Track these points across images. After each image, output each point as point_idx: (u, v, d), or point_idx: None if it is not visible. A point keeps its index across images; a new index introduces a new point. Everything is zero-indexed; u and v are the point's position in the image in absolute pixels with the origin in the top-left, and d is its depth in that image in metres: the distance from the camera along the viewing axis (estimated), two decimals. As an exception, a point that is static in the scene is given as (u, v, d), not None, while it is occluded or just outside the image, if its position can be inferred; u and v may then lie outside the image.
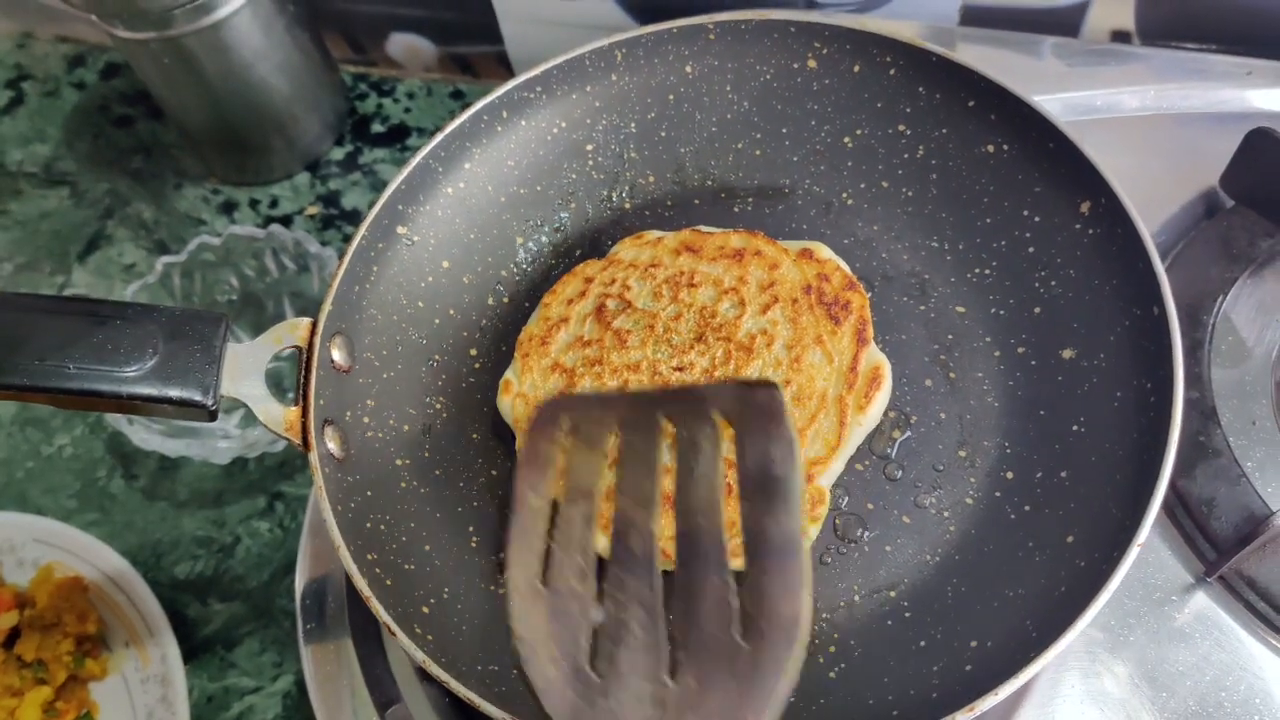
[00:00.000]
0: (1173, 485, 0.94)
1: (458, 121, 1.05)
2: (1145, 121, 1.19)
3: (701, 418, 0.70)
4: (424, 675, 0.97)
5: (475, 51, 1.52)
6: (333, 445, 0.91)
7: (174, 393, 0.85)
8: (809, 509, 0.89)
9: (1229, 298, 1.03)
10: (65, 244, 1.49)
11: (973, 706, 0.75)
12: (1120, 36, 1.29)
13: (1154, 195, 1.11)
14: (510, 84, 1.07)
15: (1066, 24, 1.29)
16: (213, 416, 0.87)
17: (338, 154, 1.50)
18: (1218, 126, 1.14)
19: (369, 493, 0.92)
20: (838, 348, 0.95)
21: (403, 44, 1.54)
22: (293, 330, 0.93)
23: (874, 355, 0.95)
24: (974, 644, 0.83)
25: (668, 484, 0.70)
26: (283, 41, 1.36)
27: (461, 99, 1.48)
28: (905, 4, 1.29)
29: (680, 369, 0.95)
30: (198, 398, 0.86)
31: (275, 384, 1.19)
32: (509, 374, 1.01)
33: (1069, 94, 1.20)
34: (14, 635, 1.11)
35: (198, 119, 1.42)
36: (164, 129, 1.58)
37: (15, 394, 0.84)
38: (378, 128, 1.53)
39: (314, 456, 0.88)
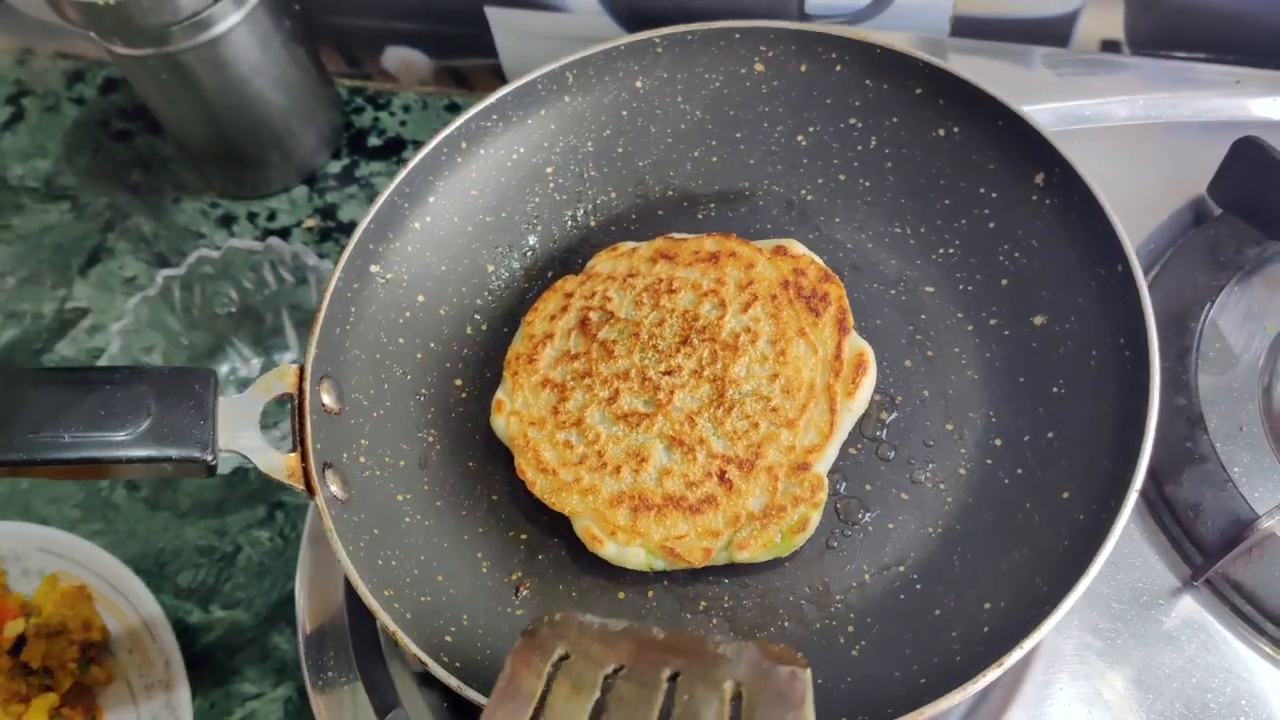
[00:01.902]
0: (1159, 490, 0.96)
1: (419, 157, 1.06)
2: (1134, 130, 1.20)
3: (710, 684, 0.61)
4: (424, 681, 0.98)
5: (470, 64, 1.53)
6: (334, 488, 0.91)
7: (173, 452, 0.85)
8: (809, 496, 0.91)
9: (1216, 305, 1.05)
10: (66, 257, 1.50)
11: (1001, 661, 0.77)
12: (1110, 46, 1.31)
13: (1143, 203, 1.13)
14: (466, 115, 1.08)
15: (1056, 34, 1.31)
16: (212, 472, 0.87)
17: (334, 167, 1.52)
18: (1206, 135, 1.15)
19: (375, 531, 0.92)
20: (820, 338, 0.97)
21: (398, 57, 1.55)
22: (281, 378, 0.93)
23: (856, 342, 0.98)
24: (987, 606, 0.86)
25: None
26: (279, 57, 1.37)
27: (457, 111, 1.49)
28: (897, 15, 1.31)
29: (669, 372, 0.97)
30: (197, 454, 0.86)
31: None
32: (500, 394, 1.01)
33: (1059, 104, 1.21)
34: (20, 643, 1.12)
35: (196, 133, 1.42)
36: (162, 143, 1.59)
37: (11, 469, 0.83)
38: (374, 141, 1.54)
39: (320, 500, 0.88)
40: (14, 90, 1.69)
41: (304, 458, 0.90)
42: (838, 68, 1.09)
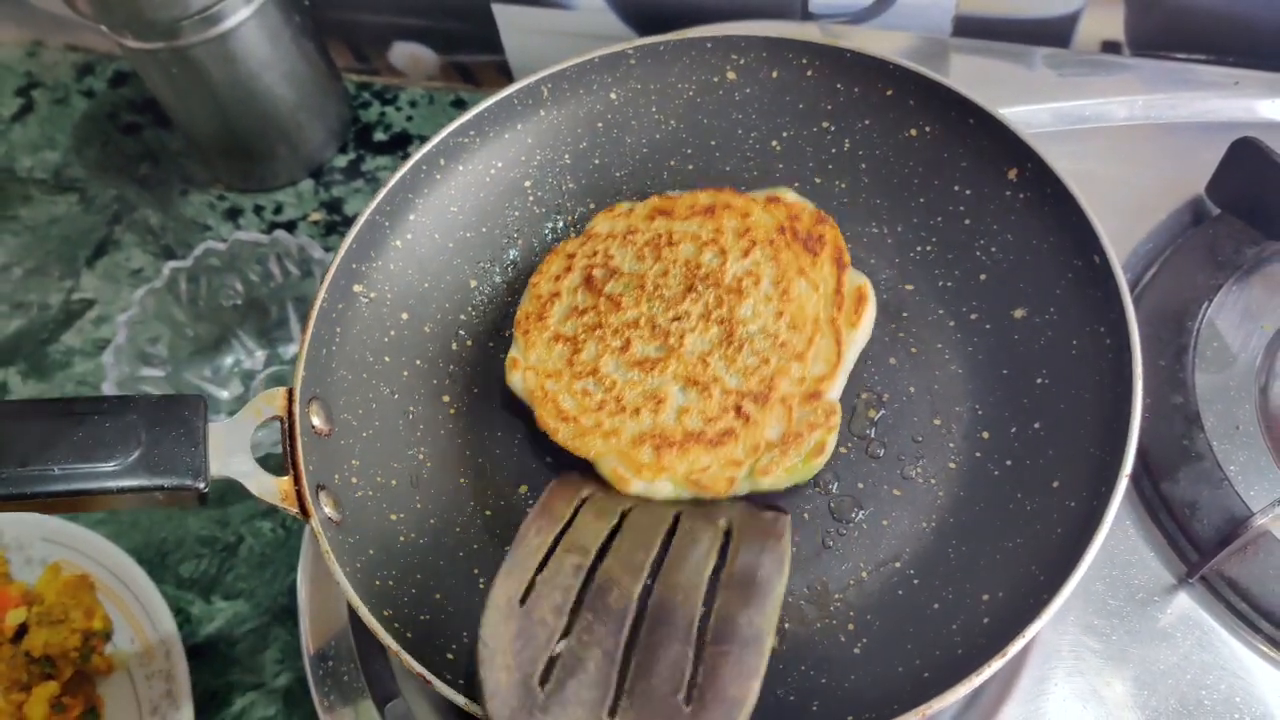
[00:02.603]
0: (1156, 488, 0.97)
1: (398, 175, 1.06)
2: (1134, 131, 1.20)
3: (708, 521, 0.74)
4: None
5: (476, 60, 1.55)
6: (328, 510, 0.90)
7: (164, 481, 0.84)
8: (824, 421, 0.93)
9: (1214, 304, 1.05)
10: (74, 249, 1.51)
11: (1004, 652, 0.78)
12: (1110, 47, 1.32)
13: (1142, 203, 1.13)
14: (444, 132, 1.08)
15: (1058, 35, 1.32)
16: (203, 500, 0.86)
17: (341, 161, 1.53)
18: (1205, 136, 1.15)
19: (371, 551, 0.92)
20: (820, 276, 0.99)
21: (405, 53, 1.57)
22: (270, 401, 0.92)
23: (855, 277, 1.00)
24: (985, 597, 0.86)
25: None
26: (288, 51, 1.38)
27: (463, 107, 1.50)
28: (899, 15, 1.32)
29: (677, 318, 0.98)
30: (189, 482, 0.84)
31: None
32: (513, 352, 1.02)
33: (1059, 104, 1.22)
34: (22, 631, 1.12)
35: (204, 127, 1.43)
36: (171, 136, 1.60)
37: (0, 504, 0.81)
38: (380, 135, 1.55)
39: (315, 523, 0.88)
40: (24, 82, 1.71)
41: (297, 480, 0.89)
42: (808, 73, 1.10)
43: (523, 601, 0.74)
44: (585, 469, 0.95)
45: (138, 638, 1.14)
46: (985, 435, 0.96)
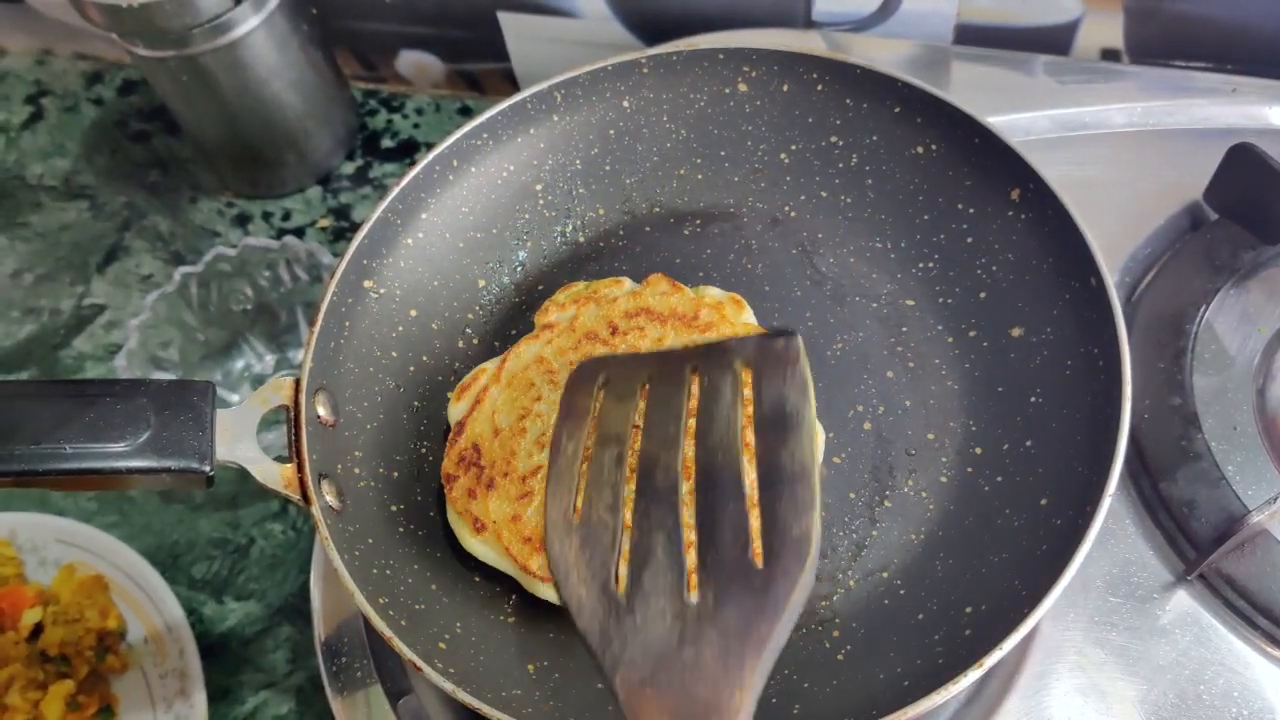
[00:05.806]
0: (1155, 487, 0.98)
1: (411, 174, 1.07)
2: (1133, 137, 1.21)
3: (724, 367, 0.74)
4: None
5: (482, 68, 1.56)
6: (330, 498, 0.92)
7: (172, 463, 0.85)
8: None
9: (1212, 307, 1.06)
10: (85, 255, 1.52)
11: (981, 663, 0.79)
12: (1110, 55, 1.33)
13: (1140, 208, 1.14)
14: (458, 134, 1.10)
15: (1058, 42, 1.33)
16: (210, 483, 0.88)
17: (348, 168, 1.54)
18: (1202, 142, 1.16)
19: (370, 540, 0.93)
20: None
21: (412, 61, 1.58)
22: (277, 390, 0.93)
23: None
24: (969, 610, 0.87)
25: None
26: (296, 60, 1.39)
27: (469, 114, 1.51)
28: (901, 23, 1.33)
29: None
30: (195, 465, 0.86)
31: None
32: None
33: (1059, 110, 1.22)
34: (38, 631, 1.14)
35: (213, 134, 1.45)
36: (180, 144, 1.61)
37: (14, 480, 0.83)
38: (387, 143, 1.57)
39: (316, 510, 0.89)
40: (33, 90, 1.72)
41: (300, 469, 0.91)
42: (819, 87, 1.12)
43: (577, 513, 0.75)
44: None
45: (151, 638, 1.15)
46: (977, 451, 0.98)
